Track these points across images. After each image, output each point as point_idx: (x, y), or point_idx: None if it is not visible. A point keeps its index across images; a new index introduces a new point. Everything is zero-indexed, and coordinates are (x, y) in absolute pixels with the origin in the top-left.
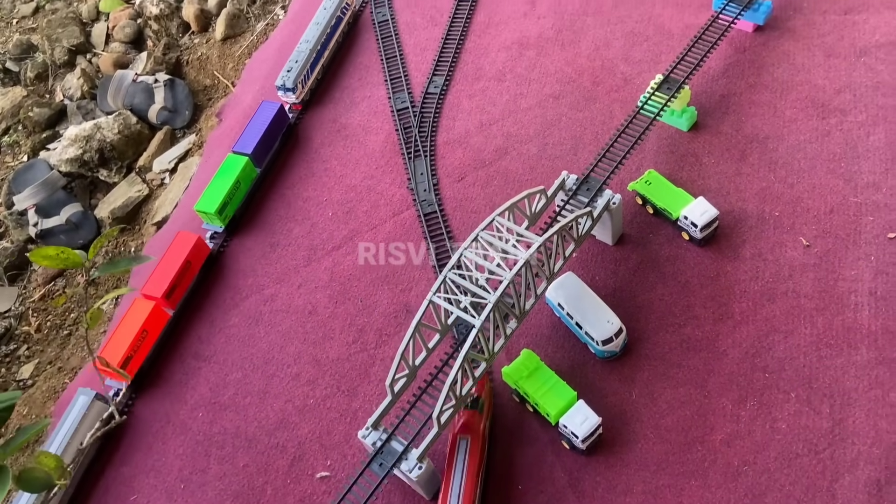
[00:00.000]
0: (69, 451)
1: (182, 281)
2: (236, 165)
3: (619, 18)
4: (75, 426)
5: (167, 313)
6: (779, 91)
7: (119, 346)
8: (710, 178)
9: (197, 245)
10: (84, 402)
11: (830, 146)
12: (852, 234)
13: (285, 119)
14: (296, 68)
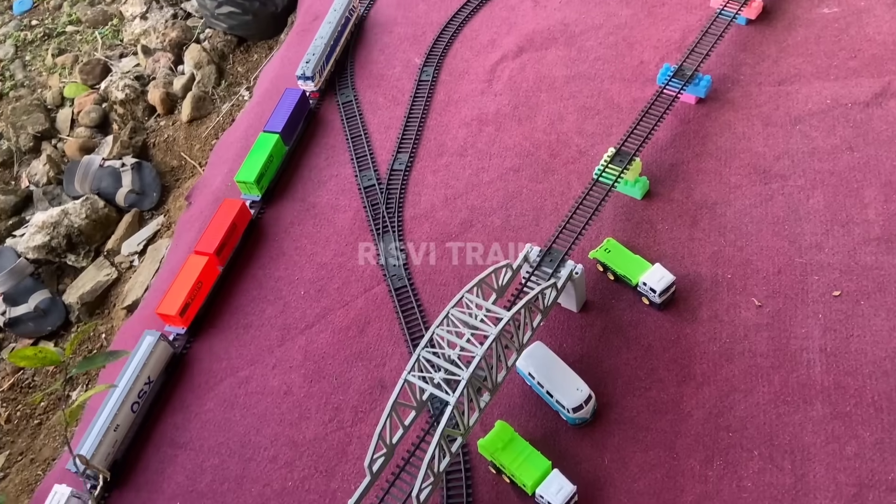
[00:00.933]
0: None
1: (230, 240)
2: (269, 142)
3: (571, 94)
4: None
5: (218, 269)
6: (723, 159)
7: (177, 296)
8: (665, 244)
9: (241, 210)
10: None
11: (774, 210)
12: (800, 294)
13: (307, 104)
14: (314, 60)
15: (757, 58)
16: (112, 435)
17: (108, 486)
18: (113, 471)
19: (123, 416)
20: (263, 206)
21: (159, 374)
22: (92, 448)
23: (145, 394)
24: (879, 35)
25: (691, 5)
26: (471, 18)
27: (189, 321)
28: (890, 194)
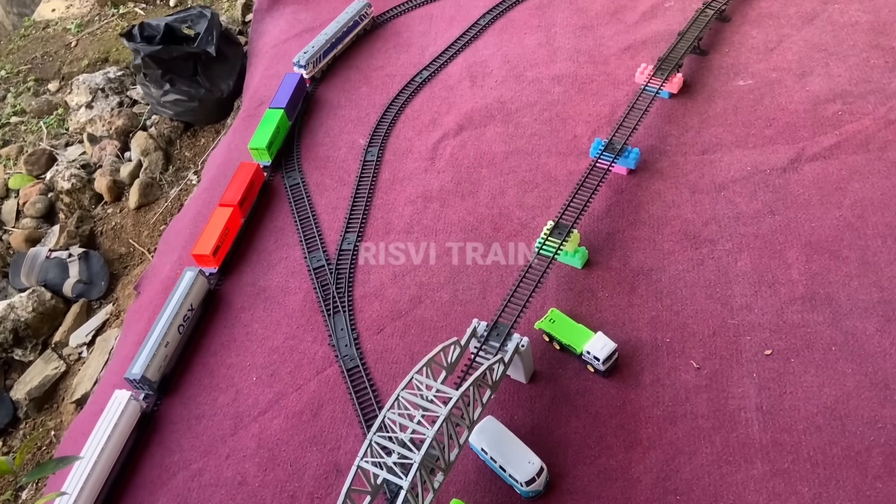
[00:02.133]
0: None
1: (248, 196)
2: (276, 116)
3: (510, 169)
4: None
5: (241, 218)
6: (656, 226)
7: (209, 240)
8: (607, 311)
9: (257, 170)
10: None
11: (705, 274)
12: (735, 354)
13: (304, 86)
14: (311, 52)
15: (681, 129)
16: (163, 350)
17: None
18: (162, 383)
19: (172, 335)
20: (220, 279)
21: (199, 304)
22: (146, 362)
23: (188, 319)
24: (791, 104)
25: (618, 81)
26: (412, 99)
27: (220, 262)
28: (811, 254)
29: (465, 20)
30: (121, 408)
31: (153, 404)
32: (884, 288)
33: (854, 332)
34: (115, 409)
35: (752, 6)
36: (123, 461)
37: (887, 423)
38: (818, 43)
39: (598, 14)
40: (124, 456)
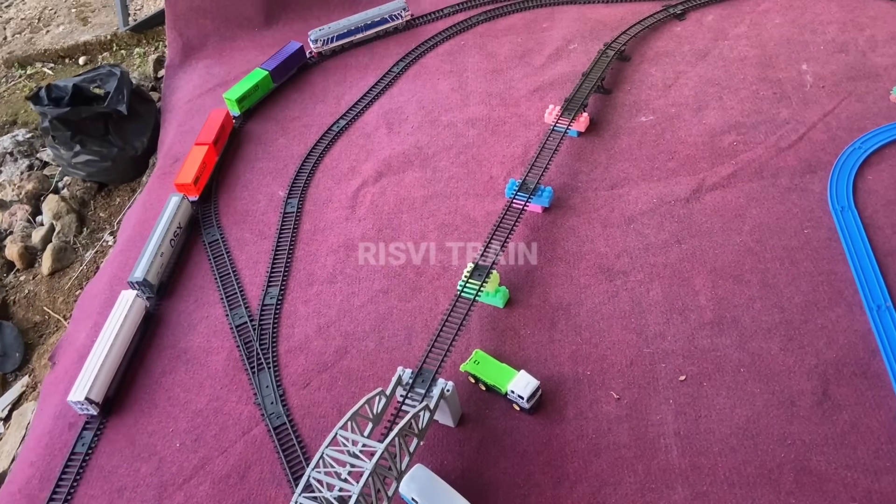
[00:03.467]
0: None
1: (221, 137)
2: (259, 75)
3: (430, 212)
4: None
5: (216, 154)
6: (572, 262)
7: (189, 171)
8: (529, 349)
9: (226, 116)
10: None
11: (620, 305)
12: (651, 382)
13: (302, 56)
14: (325, 30)
15: (590, 166)
16: (158, 262)
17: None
18: (160, 290)
19: (165, 248)
20: (138, 342)
21: (186, 224)
22: (145, 269)
23: (178, 234)
24: (690, 137)
25: (529, 122)
26: (330, 148)
27: (200, 191)
28: (716, 280)
29: (379, 68)
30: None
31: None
32: (784, 308)
33: (760, 352)
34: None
35: (649, 45)
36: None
37: (795, 439)
38: (711, 78)
39: (506, 58)
40: None
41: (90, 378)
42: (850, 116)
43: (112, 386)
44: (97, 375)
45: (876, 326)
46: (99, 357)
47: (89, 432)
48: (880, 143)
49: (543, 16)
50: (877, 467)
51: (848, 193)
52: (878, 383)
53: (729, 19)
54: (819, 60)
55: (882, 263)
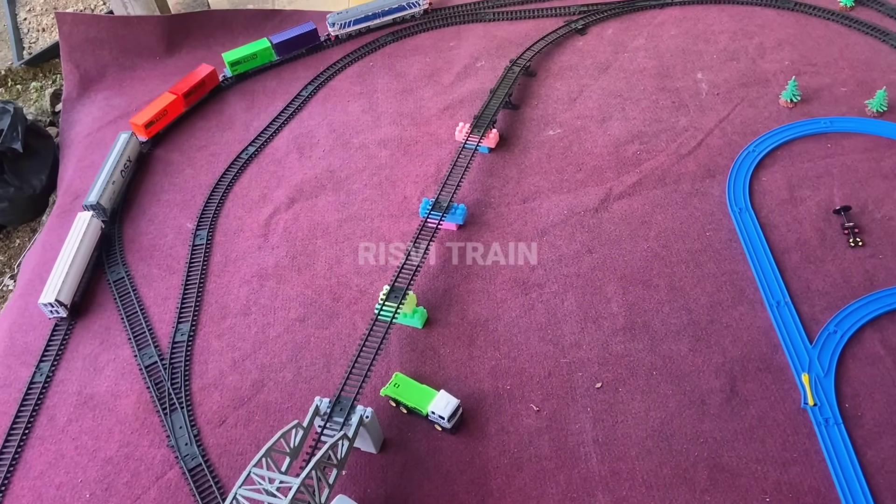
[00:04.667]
0: None
1: (197, 91)
2: (260, 44)
3: (345, 236)
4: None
5: (182, 108)
6: (488, 277)
7: (147, 114)
8: (449, 368)
9: (211, 74)
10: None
11: (537, 317)
12: (569, 392)
13: (314, 36)
14: (342, 18)
15: (502, 181)
16: (110, 190)
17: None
18: (112, 215)
19: (116, 177)
20: (42, 390)
21: (135, 159)
22: (99, 194)
23: (128, 167)
24: (596, 148)
25: (440, 140)
26: (239, 176)
27: (151, 135)
28: (626, 287)
29: (288, 93)
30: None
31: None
32: (691, 310)
33: (670, 354)
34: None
35: (553, 61)
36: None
37: (708, 437)
38: (614, 90)
39: (416, 77)
40: None
41: (58, 282)
42: (743, 121)
43: (77, 292)
44: (64, 280)
45: (776, 322)
46: (64, 266)
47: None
48: (772, 146)
49: (450, 35)
50: (785, 459)
51: (745, 195)
52: (782, 377)
53: (627, 32)
54: (713, 69)
55: (779, 261)
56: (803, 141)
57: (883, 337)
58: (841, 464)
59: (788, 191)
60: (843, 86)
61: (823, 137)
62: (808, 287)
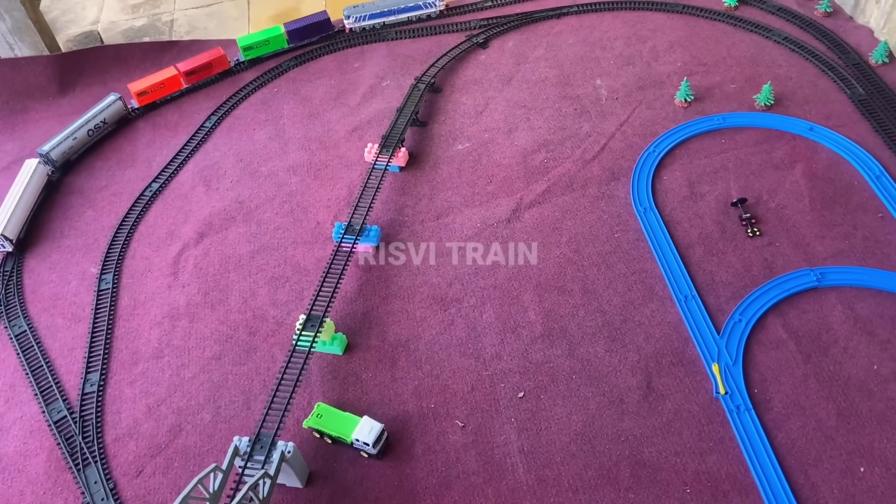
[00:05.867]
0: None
1: (202, 72)
2: (274, 31)
3: (258, 267)
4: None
5: (182, 84)
6: (406, 297)
7: (144, 83)
8: (372, 392)
9: (221, 56)
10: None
11: (457, 332)
12: (493, 404)
13: (327, 25)
14: (357, 11)
15: (415, 199)
16: (70, 142)
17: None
18: (65, 167)
19: (81, 135)
20: None
21: (113, 119)
22: (54, 146)
23: (99, 127)
24: (505, 160)
25: (350, 163)
26: (144, 214)
27: (143, 104)
28: (542, 293)
29: (191, 124)
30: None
31: None
32: (605, 311)
33: (588, 357)
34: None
35: (458, 75)
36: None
37: (628, 435)
38: (518, 101)
39: (322, 100)
40: None
41: (5, 218)
42: (642, 123)
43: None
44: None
45: (685, 315)
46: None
47: None
48: (671, 146)
49: (354, 56)
50: (702, 448)
51: (648, 195)
52: (694, 369)
53: (528, 44)
54: (611, 74)
55: (684, 256)
56: (699, 138)
57: (784, 321)
58: (754, 448)
59: (688, 187)
60: (732, 83)
61: (718, 134)
62: (712, 279)
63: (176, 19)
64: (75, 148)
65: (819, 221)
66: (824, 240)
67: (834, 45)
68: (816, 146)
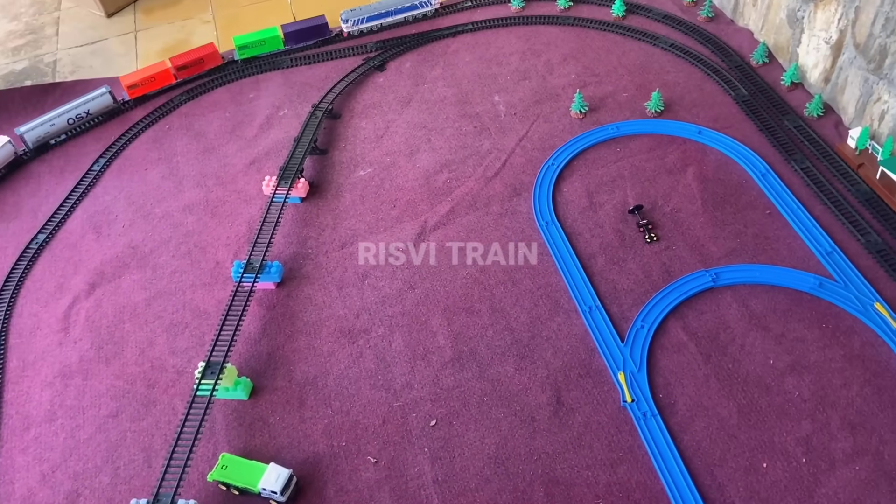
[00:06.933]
0: None
1: (193, 67)
2: (271, 31)
3: (155, 315)
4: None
5: (173, 78)
6: (313, 332)
7: (135, 77)
8: (281, 436)
9: (213, 52)
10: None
11: (366, 364)
12: (405, 436)
13: (325, 29)
14: (354, 15)
15: (318, 230)
16: (47, 127)
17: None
18: (38, 147)
19: (60, 122)
20: None
21: (97, 112)
22: (32, 127)
23: (80, 118)
24: (408, 183)
25: (249, 197)
26: (31, 269)
27: (133, 96)
28: (451, 317)
29: (78, 169)
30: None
31: None
32: (513, 329)
33: (498, 377)
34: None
35: (356, 100)
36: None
37: (540, 453)
38: (419, 122)
39: (217, 134)
40: None
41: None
42: (541, 137)
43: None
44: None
45: (590, 326)
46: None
47: None
48: (569, 157)
49: (249, 86)
50: (612, 459)
51: (549, 208)
52: (601, 379)
53: (425, 64)
54: (508, 90)
55: (587, 266)
56: (596, 148)
57: (684, 324)
58: (661, 454)
59: (588, 198)
60: (624, 91)
61: (613, 142)
62: (615, 287)
63: (59, 59)
64: (52, 135)
65: (712, 222)
66: (717, 240)
67: (717, 49)
68: (706, 149)
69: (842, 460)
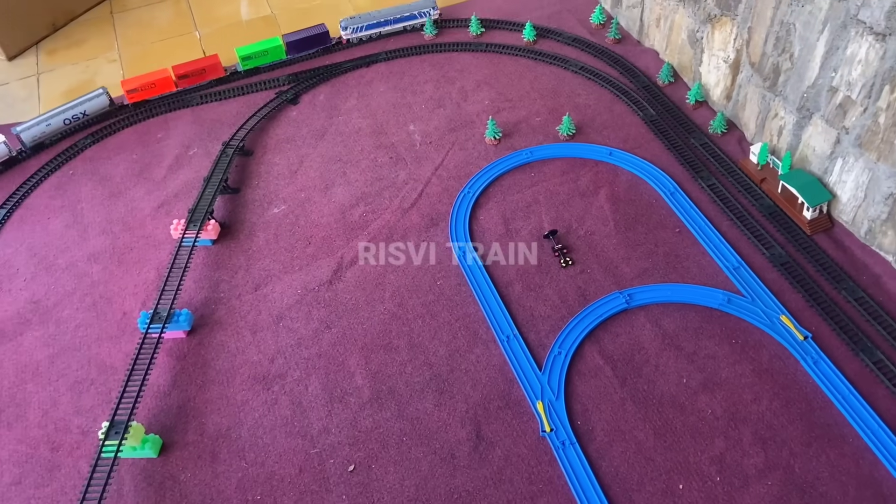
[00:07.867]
0: None
1: (195, 77)
2: (273, 42)
3: (59, 373)
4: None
5: (173, 86)
6: (225, 381)
7: (136, 82)
8: (193, 494)
9: (216, 63)
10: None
11: (281, 411)
12: (323, 484)
13: (326, 37)
14: (357, 19)
15: (230, 272)
16: (43, 127)
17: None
18: (35, 147)
19: (56, 122)
20: None
21: (94, 113)
22: (27, 127)
23: (77, 118)
24: (323, 218)
25: (158, 242)
26: None
27: (132, 100)
28: (368, 355)
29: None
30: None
31: None
32: (432, 364)
33: (417, 415)
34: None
35: (269, 135)
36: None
37: (461, 491)
38: (333, 155)
39: (123, 177)
40: None
41: None
42: (457, 165)
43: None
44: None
45: (509, 356)
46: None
47: None
48: (484, 185)
49: (157, 126)
50: (532, 492)
51: (466, 237)
52: (520, 409)
53: (339, 95)
54: (423, 119)
55: (503, 295)
56: (511, 174)
57: (600, 348)
58: (580, 483)
59: (504, 224)
60: (537, 116)
61: (528, 167)
62: (532, 315)
63: None
64: (48, 135)
65: (624, 243)
66: (630, 261)
67: (625, 70)
68: (617, 170)
69: (754, 476)
